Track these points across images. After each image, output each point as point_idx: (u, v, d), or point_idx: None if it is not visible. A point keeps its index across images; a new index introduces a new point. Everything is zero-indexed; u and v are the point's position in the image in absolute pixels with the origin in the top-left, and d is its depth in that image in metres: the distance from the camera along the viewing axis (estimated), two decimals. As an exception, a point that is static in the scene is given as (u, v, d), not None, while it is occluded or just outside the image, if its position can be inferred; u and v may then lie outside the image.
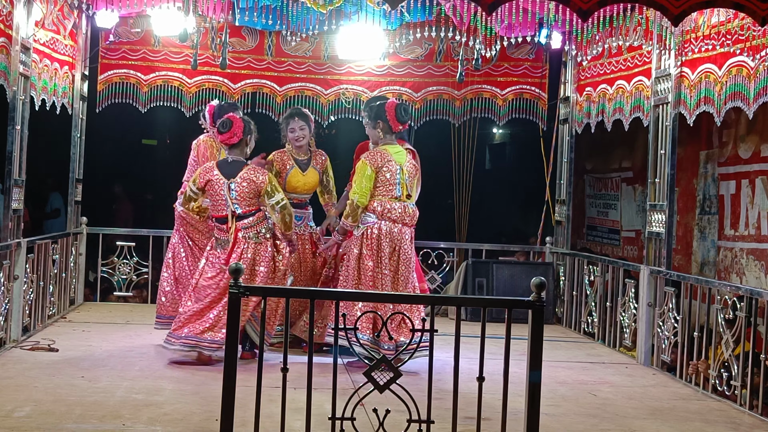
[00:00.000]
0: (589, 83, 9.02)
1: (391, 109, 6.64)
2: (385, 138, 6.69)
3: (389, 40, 9.15)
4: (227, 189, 6.45)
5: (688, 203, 9.52)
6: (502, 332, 4.12)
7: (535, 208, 10.35)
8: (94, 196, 10.59)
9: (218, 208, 6.52)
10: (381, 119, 6.66)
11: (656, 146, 7.47)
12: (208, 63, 9.26)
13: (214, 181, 6.49)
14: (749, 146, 8.57)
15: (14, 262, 6.84)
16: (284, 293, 4.87)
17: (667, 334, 7.01)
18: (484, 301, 4.47)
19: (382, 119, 6.65)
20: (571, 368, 7.02)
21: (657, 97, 7.46)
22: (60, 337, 7.18)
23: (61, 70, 8.34)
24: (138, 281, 9.43)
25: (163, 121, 11.90)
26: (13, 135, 6.93)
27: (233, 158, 6.53)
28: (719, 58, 6.55)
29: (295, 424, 4.58)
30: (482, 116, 9.87)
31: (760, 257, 8.25)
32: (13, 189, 7.04)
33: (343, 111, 9.58)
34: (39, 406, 5.11)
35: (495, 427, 4.13)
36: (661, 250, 7.28)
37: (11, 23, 6.69)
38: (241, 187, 6.44)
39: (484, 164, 14.78)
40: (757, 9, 5.32)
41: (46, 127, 9.21)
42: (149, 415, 5.02)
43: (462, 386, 4.11)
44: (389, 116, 6.62)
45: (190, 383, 5.90)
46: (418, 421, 4.06)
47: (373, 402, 4.08)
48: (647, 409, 5.83)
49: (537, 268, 9.50)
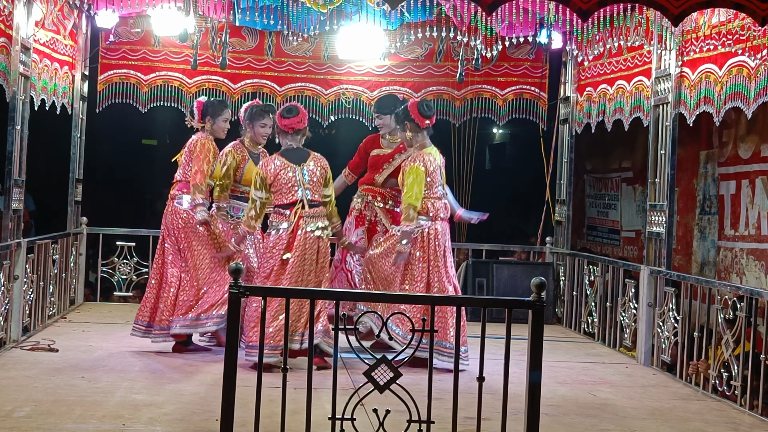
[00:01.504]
0: (589, 83, 9.02)
1: (414, 108, 6.68)
2: (417, 137, 6.71)
3: (389, 40, 9.15)
4: (300, 174, 6.44)
5: (688, 203, 9.52)
6: (502, 332, 4.12)
7: (535, 208, 10.35)
8: (94, 196, 10.59)
9: (280, 197, 6.46)
10: (408, 120, 6.69)
11: (656, 146, 7.47)
12: (208, 63, 9.26)
13: (280, 170, 6.43)
14: (749, 146, 8.57)
15: (14, 262, 6.84)
16: (284, 293, 4.87)
17: (667, 334, 7.01)
18: (484, 301, 4.47)
19: (409, 120, 6.68)
20: (571, 368, 7.02)
21: (657, 97, 7.46)
22: (60, 338, 7.19)
23: (61, 70, 8.34)
24: (138, 281, 9.43)
25: (163, 121, 11.89)
26: (13, 135, 6.93)
27: (296, 145, 6.55)
28: (719, 58, 6.54)
29: (296, 424, 4.58)
30: (482, 116, 9.87)
31: (760, 257, 8.25)
32: (13, 189, 7.04)
33: (343, 111, 9.58)
34: (39, 406, 5.11)
35: (495, 427, 4.13)
36: (661, 250, 7.28)
37: (11, 23, 6.69)
38: (314, 172, 6.49)
39: (484, 164, 14.77)
40: (757, 9, 5.32)
41: (46, 127, 9.20)
42: (149, 415, 5.02)
43: (462, 386, 4.11)
44: (414, 115, 6.65)
45: (190, 383, 5.90)
46: (418, 422, 4.05)
47: (373, 402, 4.08)
48: (647, 409, 5.83)
49: (537, 268, 9.50)
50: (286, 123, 6.50)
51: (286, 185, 6.42)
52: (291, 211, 6.40)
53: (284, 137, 6.57)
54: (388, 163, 7.23)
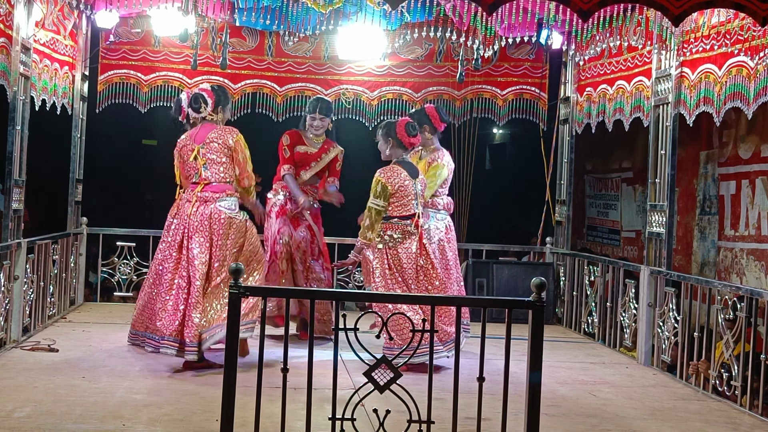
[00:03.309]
0: (589, 83, 9.02)
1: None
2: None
3: (389, 40, 9.15)
4: (414, 188, 6.64)
5: (688, 203, 9.52)
6: (502, 332, 4.12)
7: (535, 208, 10.35)
8: (94, 196, 10.59)
9: (401, 208, 6.60)
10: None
11: (656, 146, 7.47)
12: (209, 63, 9.26)
13: (405, 183, 6.60)
14: (749, 146, 8.57)
15: (14, 263, 6.84)
16: (284, 293, 4.87)
17: (668, 335, 7.01)
18: (484, 302, 4.47)
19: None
20: (571, 368, 7.02)
21: (657, 97, 7.46)
22: (60, 338, 7.18)
23: (61, 70, 8.34)
24: (138, 281, 9.42)
25: (163, 121, 11.85)
26: (13, 135, 6.93)
27: (409, 159, 6.77)
28: (719, 59, 6.54)
29: (296, 424, 4.58)
30: (482, 116, 9.87)
31: (760, 257, 8.26)
32: (13, 189, 7.04)
33: (344, 111, 9.58)
34: (39, 406, 5.11)
35: (495, 427, 4.13)
36: (662, 251, 7.28)
37: (11, 23, 6.69)
38: (421, 185, 6.76)
39: (484, 164, 14.77)
40: (758, 9, 5.32)
41: (46, 127, 9.20)
42: (149, 415, 5.02)
43: (462, 386, 4.11)
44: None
45: (190, 383, 5.90)
46: (419, 422, 4.05)
47: (373, 402, 4.08)
48: (647, 410, 5.83)
49: (537, 269, 9.50)
50: (412, 141, 6.68)
51: (407, 197, 6.59)
52: (412, 222, 6.63)
53: (402, 150, 6.68)
54: (316, 162, 7.67)
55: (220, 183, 6.44)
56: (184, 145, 6.56)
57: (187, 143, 6.54)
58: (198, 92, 6.59)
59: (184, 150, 6.55)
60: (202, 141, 6.46)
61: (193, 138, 6.51)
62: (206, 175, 6.42)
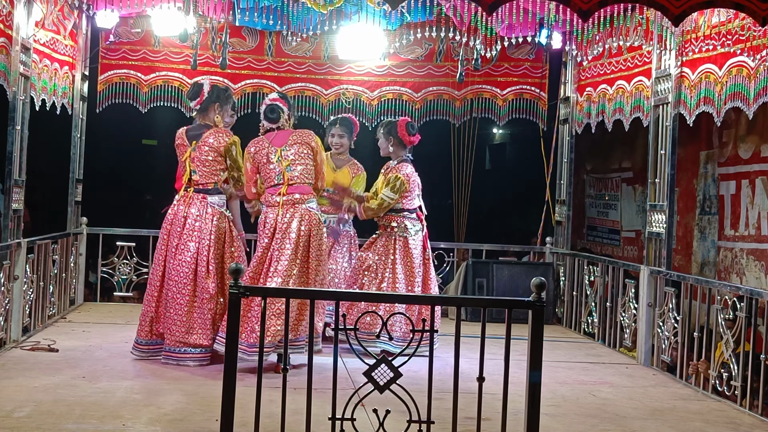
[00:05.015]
0: (589, 83, 9.02)
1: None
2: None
3: (389, 40, 9.15)
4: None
5: (688, 203, 9.52)
6: (502, 332, 4.12)
7: (535, 208, 10.35)
8: (94, 196, 10.58)
9: (411, 202, 7.14)
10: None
11: (656, 146, 7.46)
12: (209, 63, 9.27)
13: (416, 178, 7.14)
14: (749, 146, 8.57)
15: (14, 263, 6.84)
16: (284, 293, 4.87)
17: (667, 335, 7.01)
18: (484, 302, 4.47)
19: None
20: (571, 368, 7.02)
21: (657, 97, 7.46)
22: (60, 338, 7.18)
23: (61, 70, 8.34)
24: (138, 281, 9.43)
25: (163, 121, 11.90)
26: (13, 135, 6.93)
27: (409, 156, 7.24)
28: (719, 59, 6.54)
29: (296, 424, 4.58)
30: (482, 116, 9.87)
31: (760, 257, 8.25)
32: (13, 189, 7.04)
33: (344, 111, 9.56)
34: (39, 406, 5.11)
35: (495, 427, 4.13)
36: (661, 251, 7.28)
37: (11, 23, 6.69)
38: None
39: (484, 164, 14.78)
40: (758, 9, 5.32)
41: (46, 127, 9.21)
42: (149, 415, 5.02)
43: (462, 386, 4.10)
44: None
45: (190, 383, 5.90)
46: (419, 422, 4.05)
47: (373, 402, 4.08)
48: (647, 410, 5.83)
49: (537, 268, 9.50)
50: (412, 140, 7.16)
51: (414, 192, 7.12)
52: (418, 216, 7.18)
53: (403, 149, 7.17)
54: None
55: (304, 184, 6.45)
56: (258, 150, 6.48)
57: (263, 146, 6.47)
58: (272, 104, 6.53)
59: (259, 154, 6.48)
60: (284, 144, 6.44)
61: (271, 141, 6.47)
62: (291, 176, 6.40)
